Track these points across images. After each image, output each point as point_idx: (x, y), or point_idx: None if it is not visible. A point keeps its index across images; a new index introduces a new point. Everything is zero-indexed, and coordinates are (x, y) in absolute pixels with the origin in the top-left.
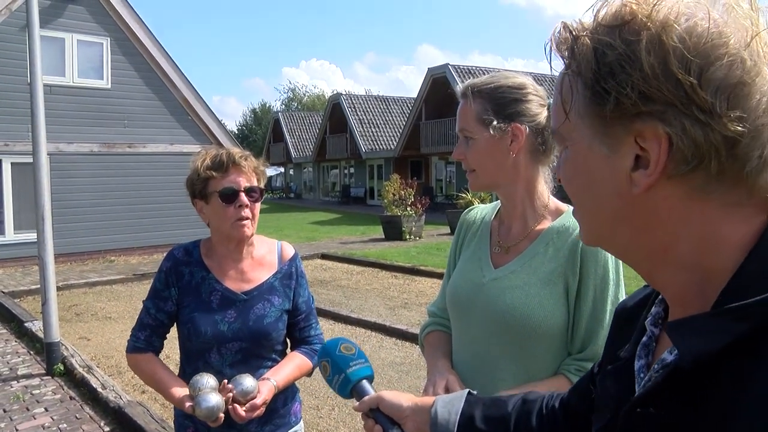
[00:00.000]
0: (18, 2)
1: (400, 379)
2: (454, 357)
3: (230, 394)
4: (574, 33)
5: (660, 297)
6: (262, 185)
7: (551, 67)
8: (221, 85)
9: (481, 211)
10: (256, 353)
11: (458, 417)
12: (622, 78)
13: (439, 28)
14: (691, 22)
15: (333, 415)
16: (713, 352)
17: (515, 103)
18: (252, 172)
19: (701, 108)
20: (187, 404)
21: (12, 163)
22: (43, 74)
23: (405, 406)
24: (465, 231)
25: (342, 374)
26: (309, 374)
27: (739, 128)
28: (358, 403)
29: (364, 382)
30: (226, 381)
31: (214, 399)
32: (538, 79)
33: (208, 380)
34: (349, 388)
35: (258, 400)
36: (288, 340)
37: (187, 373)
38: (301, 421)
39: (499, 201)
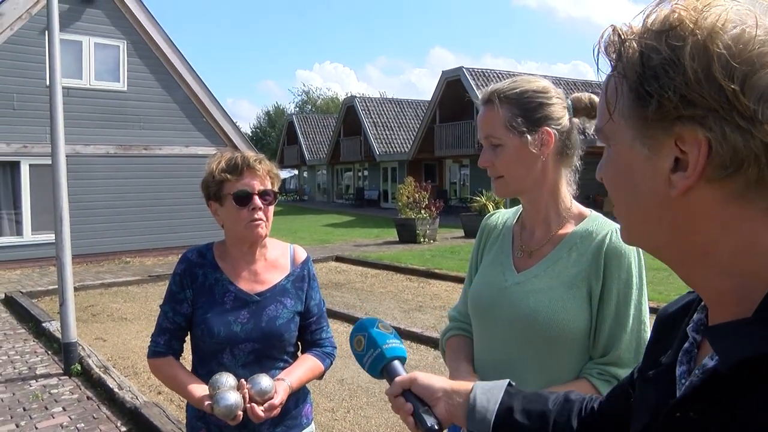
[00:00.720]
0: (38, 7)
1: None
2: (476, 361)
3: (246, 391)
4: (622, 36)
5: (702, 304)
6: (276, 189)
7: (597, 68)
8: (233, 88)
9: (503, 215)
10: (269, 354)
11: (497, 406)
12: (665, 81)
13: (451, 31)
14: (738, 30)
15: (348, 418)
16: (753, 358)
17: (541, 108)
18: (266, 176)
19: (742, 115)
20: (206, 402)
21: (30, 165)
22: (61, 77)
23: (437, 386)
24: (486, 236)
25: (377, 350)
26: (320, 377)
27: None
28: (389, 385)
29: (397, 362)
30: (244, 380)
31: (232, 397)
32: (554, 82)
33: (227, 379)
34: (381, 366)
35: (275, 400)
36: (299, 343)
37: (200, 375)
38: (313, 423)
39: (520, 206)
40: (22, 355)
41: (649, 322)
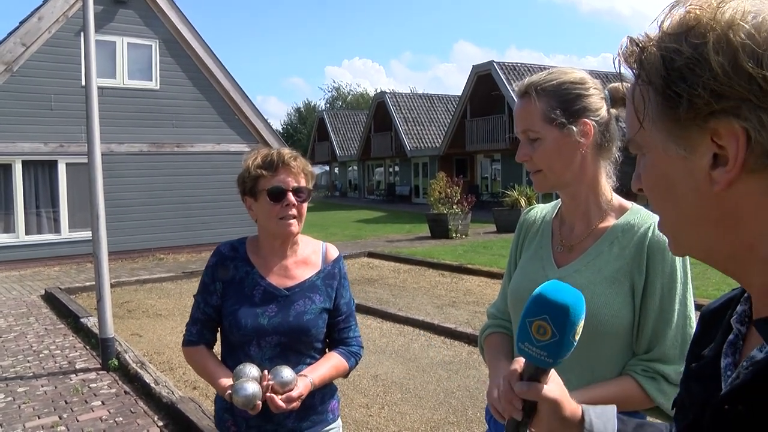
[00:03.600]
0: (73, 9)
1: (450, 378)
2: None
3: (267, 383)
4: (640, 45)
5: (746, 295)
6: (310, 186)
7: (620, 79)
8: (261, 85)
9: (541, 210)
10: (295, 348)
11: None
12: (693, 80)
13: (475, 24)
14: (759, 18)
15: (383, 414)
16: None
17: (580, 99)
18: (301, 173)
19: None
20: (227, 392)
21: (67, 164)
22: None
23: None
24: (525, 231)
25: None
26: (345, 375)
27: None
28: (523, 382)
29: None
30: (266, 371)
31: (251, 387)
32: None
33: (250, 370)
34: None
35: (294, 393)
36: (327, 340)
37: (228, 365)
38: (339, 419)
39: (558, 200)
40: (62, 349)
41: (694, 317)
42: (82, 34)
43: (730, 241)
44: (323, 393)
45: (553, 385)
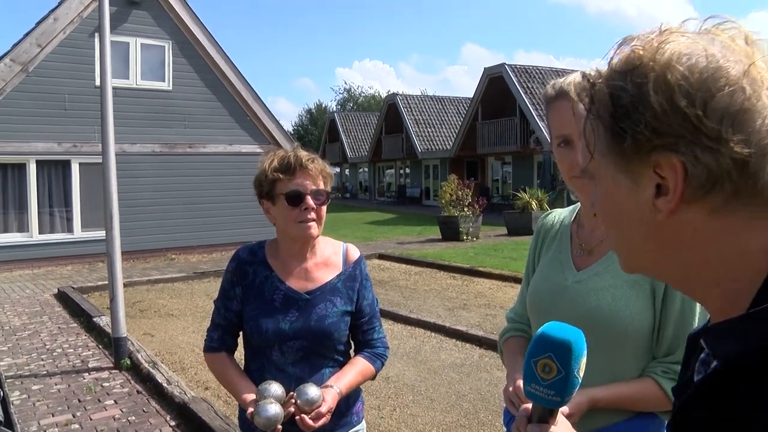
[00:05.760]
0: (88, 10)
1: (461, 381)
2: None
3: (292, 409)
4: (591, 81)
5: None
6: (328, 188)
7: (588, 111)
8: (270, 86)
9: (559, 215)
10: (318, 352)
11: None
12: (636, 117)
13: (482, 27)
14: (692, 60)
15: (395, 416)
16: (743, 354)
17: None
18: (318, 175)
19: (709, 136)
20: (249, 410)
21: (80, 164)
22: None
23: None
24: (543, 235)
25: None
26: (372, 378)
27: (746, 150)
28: (534, 424)
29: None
30: (293, 393)
31: (272, 410)
32: None
33: (275, 389)
34: (568, 397)
35: (323, 409)
36: (351, 342)
37: (251, 370)
38: (363, 421)
39: (577, 204)
40: (75, 348)
41: None
42: (96, 35)
43: (680, 264)
44: (348, 396)
45: (562, 427)
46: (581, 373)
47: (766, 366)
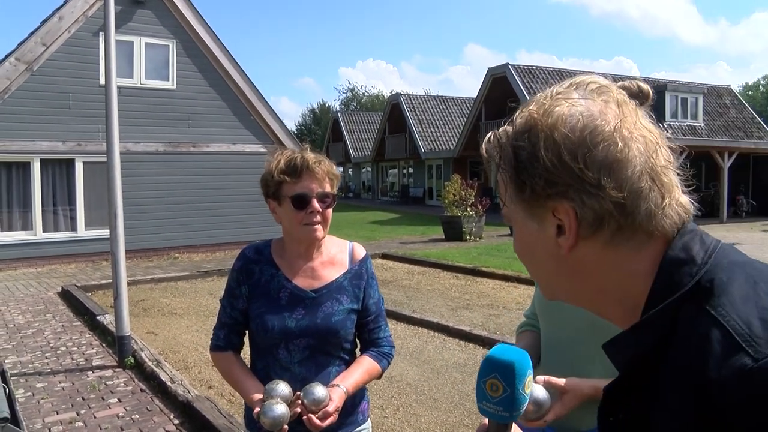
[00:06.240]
0: (92, 9)
1: (464, 381)
2: (544, 359)
3: (298, 409)
4: (500, 140)
5: None
6: (335, 190)
7: (497, 165)
8: (272, 85)
9: None
10: (324, 350)
11: None
12: (532, 171)
13: (485, 27)
14: (573, 120)
15: (398, 415)
16: (630, 361)
17: None
18: (325, 177)
19: (591, 183)
20: (256, 409)
21: (84, 163)
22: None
23: None
24: None
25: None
26: (378, 377)
27: (620, 195)
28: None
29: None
30: (299, 393)
31: (279, 410)
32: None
33: (282, 389)
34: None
35: (330, 408)
36: (357, 341)
37: (257, 368)
38: (369, 420)
39: None
40: (78, 346)
41: None
42: (101, 34)
43: (587, 288)
44: (354, 395)
45: None
46: (527, 390)
47: (653, 366)
